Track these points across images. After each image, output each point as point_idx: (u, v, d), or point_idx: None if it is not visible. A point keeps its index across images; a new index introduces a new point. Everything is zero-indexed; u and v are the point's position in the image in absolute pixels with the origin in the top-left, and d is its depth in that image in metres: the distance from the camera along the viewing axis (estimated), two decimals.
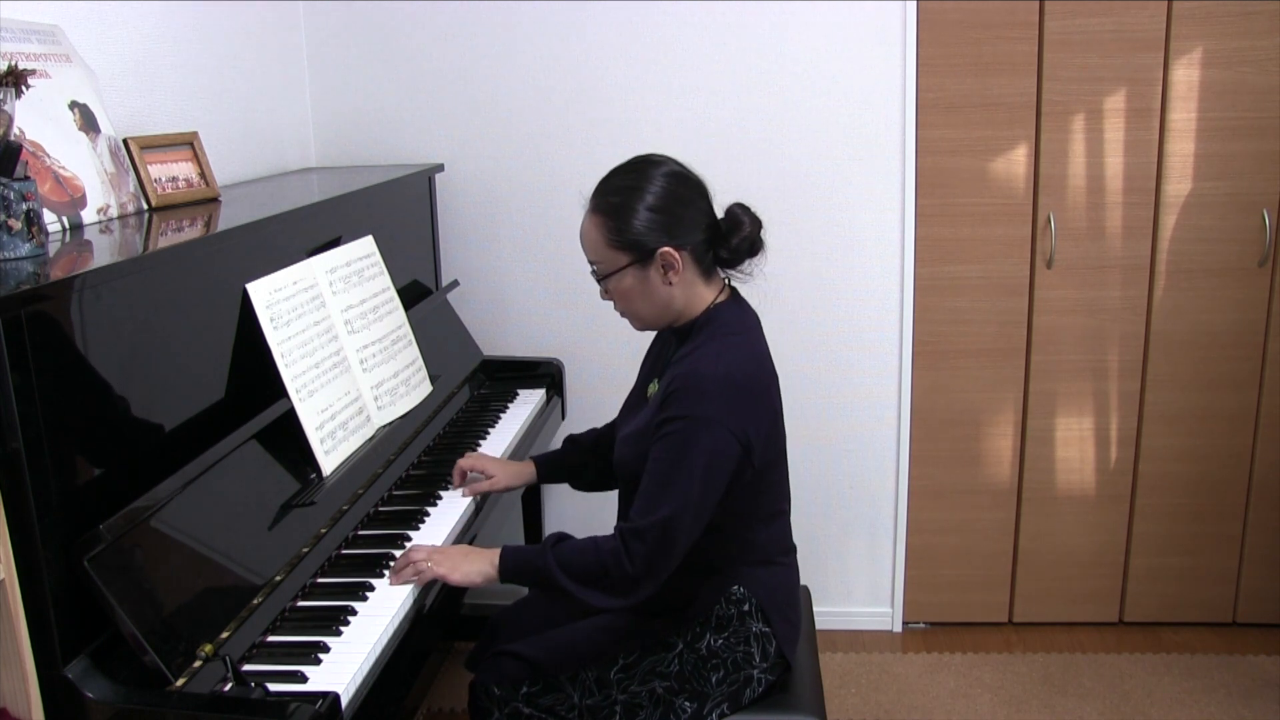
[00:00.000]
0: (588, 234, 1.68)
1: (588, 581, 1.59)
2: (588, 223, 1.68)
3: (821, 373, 2.83)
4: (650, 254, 1.63)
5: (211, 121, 2.29)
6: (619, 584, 1.58)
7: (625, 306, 1.71)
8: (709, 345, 1.64)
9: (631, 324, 1.76)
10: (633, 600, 1.60)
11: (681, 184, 1.66)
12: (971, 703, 2.61)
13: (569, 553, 1.61)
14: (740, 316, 1.71)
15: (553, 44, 2.72)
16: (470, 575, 1.64)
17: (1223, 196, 2.66)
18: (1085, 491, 2.86)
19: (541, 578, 1.62)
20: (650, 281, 1.65)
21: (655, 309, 1.68)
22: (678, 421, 1.58)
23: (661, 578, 1.59)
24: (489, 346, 2.81)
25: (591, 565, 1.59)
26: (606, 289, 1.69)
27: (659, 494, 1.57)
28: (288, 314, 1.78)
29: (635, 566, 1.56)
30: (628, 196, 1.64)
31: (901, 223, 2.73)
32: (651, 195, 1.63)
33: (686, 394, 1.58)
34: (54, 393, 1.25)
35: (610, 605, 1.61)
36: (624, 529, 1.59)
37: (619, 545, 1.58)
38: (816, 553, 2.91)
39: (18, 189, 1.37)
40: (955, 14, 2.61)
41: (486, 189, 2.83)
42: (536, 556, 1.62)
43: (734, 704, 1.70)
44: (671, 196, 1.64)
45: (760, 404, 1.63)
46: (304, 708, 1.23)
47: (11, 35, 1.65)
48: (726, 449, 1.57)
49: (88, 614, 1.26)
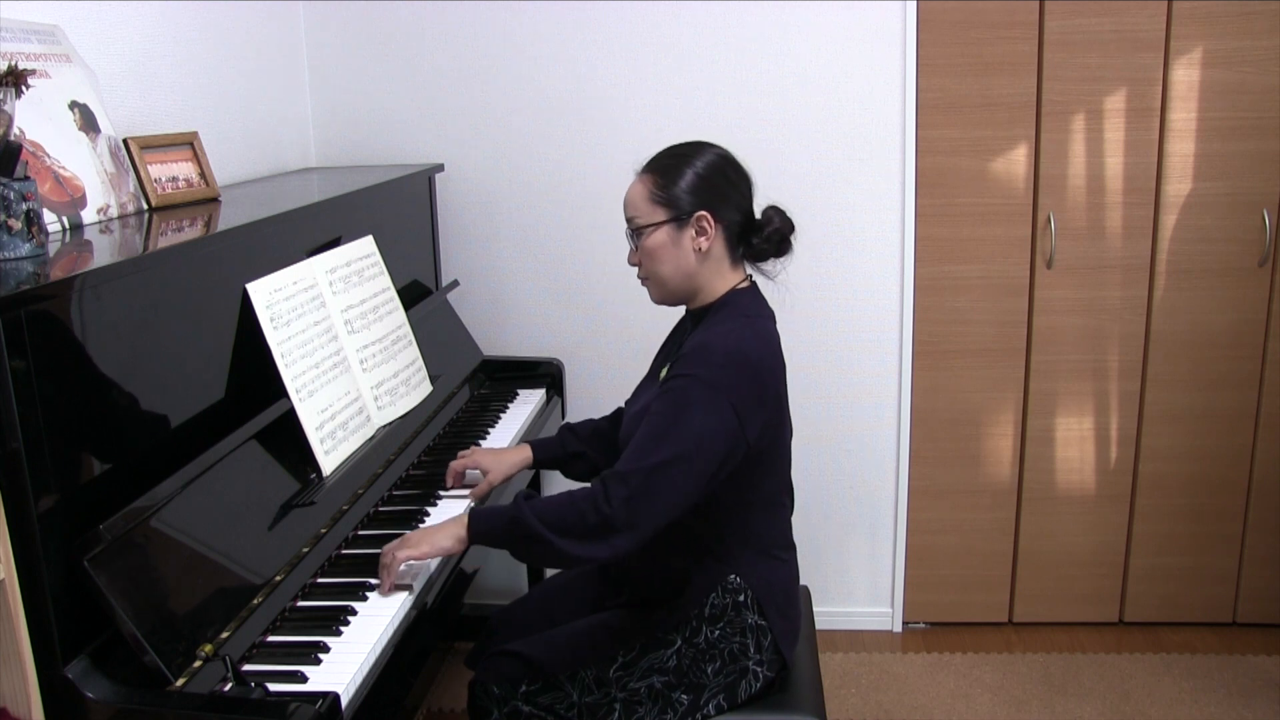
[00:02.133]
0: (632, 191, 1.73)
1: (562, 529, 1.55)
2: (635, 182, 1.73)
3: (821, 372, 2.83)
4: (687, 215, 1.68)
5: (211, 121, 2.29)
6: (596, 529, 1.53)
7: (650, 268, 1.72)
8: (723, 324, 1.67)
9: (650, 293, 1.77)
10: (609, 553, 1.55)
11: (731, 167, 1.73)
12: (971, 703, 2.61)
13: (542, 502, 1.59)
14: (757, 304, 1.73)
15: (552, 44, 2.72)
16: (439, 543, 1.63)
17: (1223, 196, 2.66)
18: (1085, 491, 2.86)
19: (515, 529, 1.58)
20: (681, 244, 1.69)
21: (678, 275, 1.71)
22: (680, 379, 1.59)
23: (639, 532, 1.54)
24: (489, 346, 2.81)
25: (567, 510, 1.55)
26: (636, 246, 1.73)
27: (648, 445, 1.56)
28: (288, 314, 1.78)
29: (613, 508, 1.52)
30: (679, 161, 1.71)
31: (901, 223, 2.74)
32: (702, 164, 1.70)
33: (695, 357, 1.61)
34: (54, 393, 1.25)
35: (586, 555, 1.56)
36: (607, 473, 1.57)
37: (599, 487, 1.55)
38: (816, 553, 2.91)
39: (18, 189, 1.37)
40: (955, 14, 2.61)
41: (486, 189, 2.83)
42: (509, 508, 1.60)
43: (730, 696, 1.69)
44: (719, 173, 1.71)
45: (765, 386, 1.63)
46: (304, 708, 1.23)
47: (11, 35, 1.65)
48: (723, 418, 1.57)
49: (88, 614, 1.26)
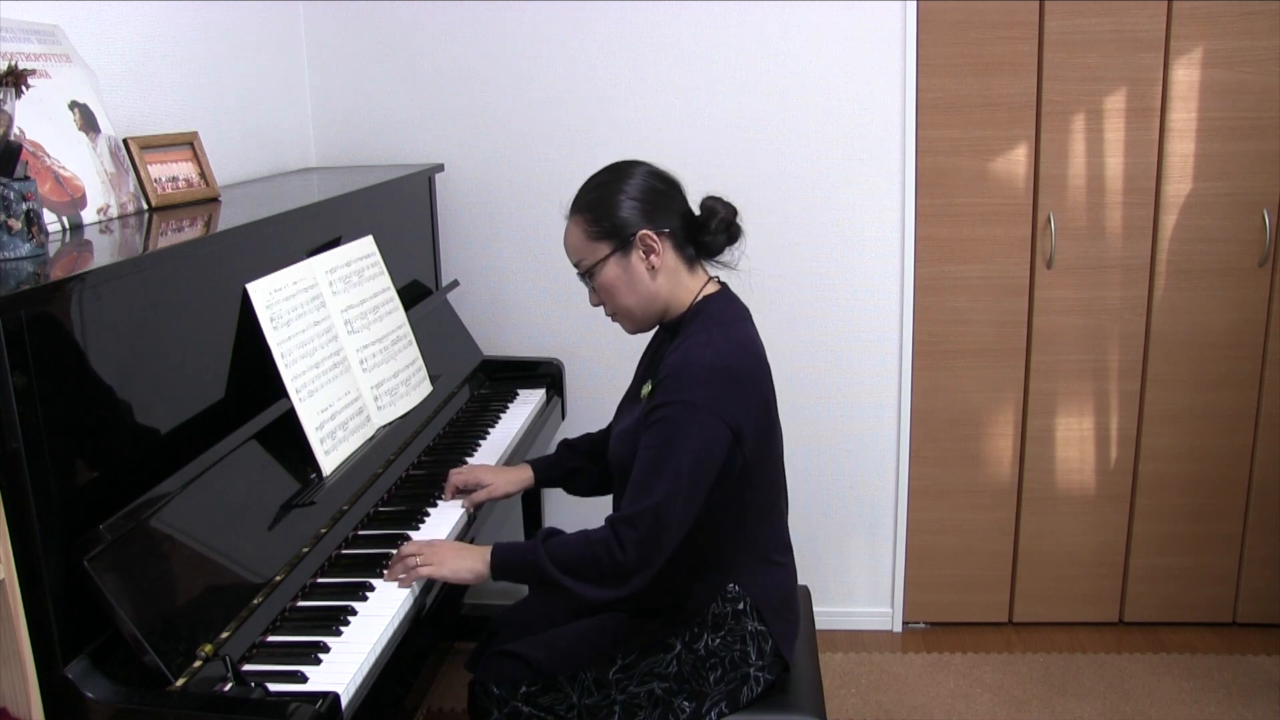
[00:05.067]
0: (569, 236, 1.72)
1: (580, 574, 1.57)
2: (569, 226, 1.72)
3: (821, 373, 2.83)
4: (629, 240, 1.66)
5: (211, 121, 2.29)
6: (611, 574, 1.56)
7: (612, 303, 1.72)
8: (698, 335, 1.66)
9: (624, 326, 1.77)
10: (625, 592, 1.58)
11: (656, 178, 1.72)
12: (971, 703, 2.61)
13: (560, 546, 1.60)
14: (729, 307, 1.72)
15: (553, 44, 2.72)
16: (460, 572, 1.64)
17: (1223, 196, 2.66)
18: (1085, 491, 2.86)
19: (533, 572, 1.61)
20: (633, 270, 1.68)
21: (642, 301, 1.70)
22: (667, 408, 1.58)
23: (654, 567, 1.57)
24: (489, 346, 2.81)
25: (583, 556, 1.57)
26: (593, 287, 1.72)
27: (649, 481, 1.57)
28: (288, 314, 1.78)
29: (627, 554, 1.55)
30: (604, 191, 1.70)
31: (901, 223, 2.74)
32: (626, 185, 1.69)
33: (676, 380, 1.60)
34: (54, 393, 1.25)
35: (603, 598, 1.59)
36: (614, 518, 1.59)
37: (610, 534, 1.57)
38: (816, 553, 2.91)
39: (18, 189, 1.37)
40: (955, 14, 2.61)
41: (486, 189, 2.83)
42: (527, 551, 1.62)
43: (732, 703, 1.69)
44: (647, 187, 1.70)
45: (750, 392, 1.63)
46: (304, 708, 1.23)
47: (11, 35, 1.65)
48: (716, 435, 1.57)
49: (88, 614, 1.26)
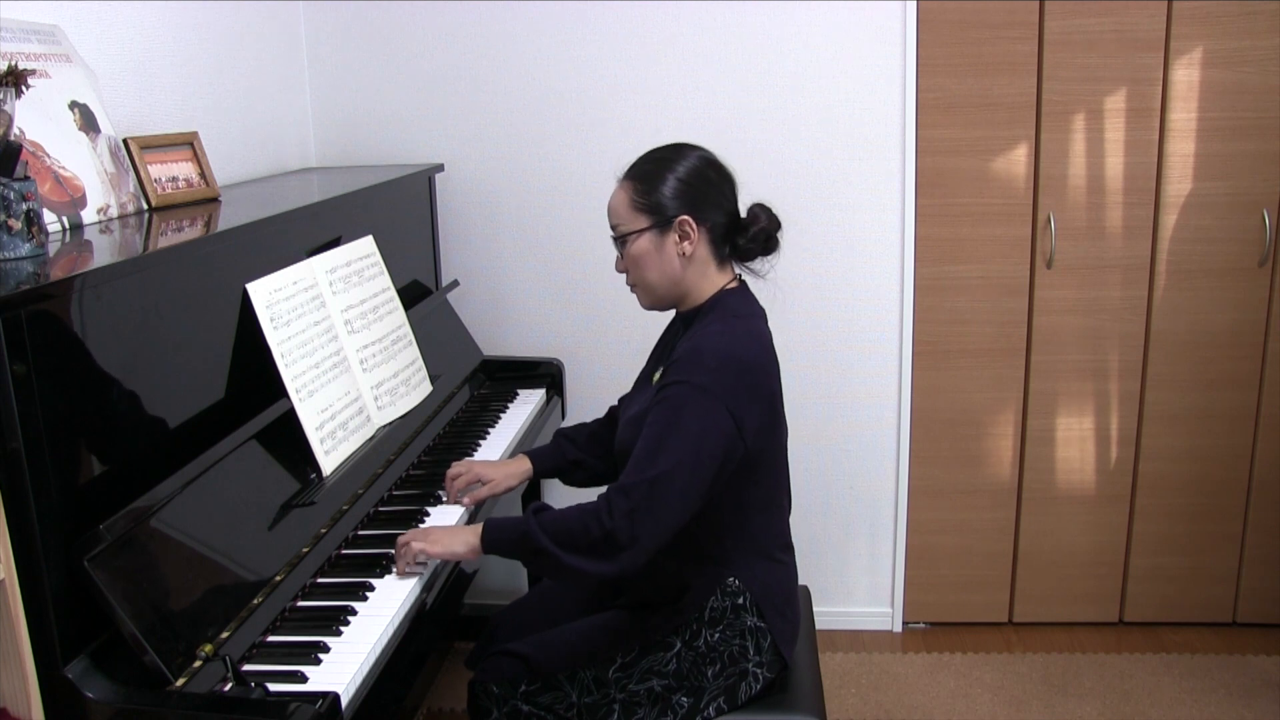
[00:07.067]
0: (615, 198, 1.74)
1: (569, 544, 1.56)
2: (617, 189, 1.74)
3: (821, 373, 2.83)
4: (669, 221, 1.68)
5: (211, 121, 2.29)
6: (601, 545, 1.55)
7: (636, 275, 1.74)
8: (714, 325, 1.67)
9: (639, 299, 1.78)
10: (616, 568, 1.56)
11: (712, 168, 1.73)
12: (971, 703, 2.61)
13: (552, 517, 1.60)
14: (747, 303, 1.73)
15: (553, 44, 2.72)
16: (451, 546, 1.65)
17: (1223, 196, 2.66)
18: (1085, 491, 2.86)
19: (525, 544, 1.60)
20: (665, 250, 1.69)
21: (664, 280, 1.71)
22: (674, 387, 1.59)
23: (647, 543, 1.55)
24: (489, 346, 2.81)
25: (573, 527, 1.56)
26: (622, 253, 1.73)
27: (650, 456, 1.57)
28: (288, 314, 1.78)
29: (615, 521, 1.53)
30: (659, 166, 1.71)
31: (901, 223, 2.73)
32: (682, 169, 1.70)
33: (687, 364, 1.61)
34: (54, 392, 1.25)
35: (595, 571, 1.57)
36: (611, 487, 1.58)
37: (603, 502, 1.56)
38: (816, 553, 2.91)
39: (18, 189, 1.37)
40: (955, 14, 2.61)
41: (486, 189, 2.83)
42: (519, 522, 1.61)
43: (730, 699, 1.69)
44: (700, 176, 1.70)
45: (758, 386, 1.64)
46: (304, 708, 1.23)
47: (11, 35, 1.65)
48: (720, 421, 1.57)
49: (88, 614, 1.26)
